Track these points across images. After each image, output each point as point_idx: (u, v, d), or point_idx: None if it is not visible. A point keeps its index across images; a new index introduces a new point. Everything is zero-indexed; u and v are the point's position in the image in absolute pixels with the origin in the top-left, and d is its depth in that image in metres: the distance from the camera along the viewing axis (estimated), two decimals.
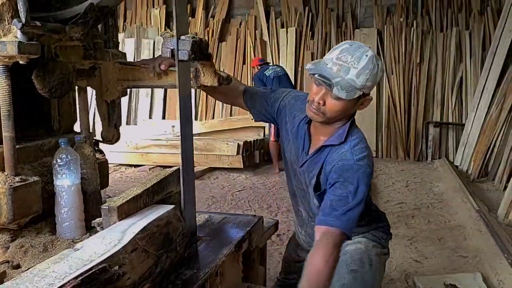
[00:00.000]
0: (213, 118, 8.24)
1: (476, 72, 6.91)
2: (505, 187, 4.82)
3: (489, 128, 5.84)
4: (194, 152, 6.64)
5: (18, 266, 1.50)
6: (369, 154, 1.70)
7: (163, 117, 8.46)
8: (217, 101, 8.12)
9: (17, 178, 1.54)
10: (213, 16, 8.52)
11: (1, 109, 1.52)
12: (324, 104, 1.63)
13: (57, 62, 1.69)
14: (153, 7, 8.73)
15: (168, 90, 8.41)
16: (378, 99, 7.42)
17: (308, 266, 1.56)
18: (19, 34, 1.46)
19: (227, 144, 6.24)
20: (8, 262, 1.51)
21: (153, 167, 6.57)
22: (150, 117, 8.43)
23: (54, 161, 1.66)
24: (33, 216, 1.62)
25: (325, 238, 1.57)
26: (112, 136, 2.10)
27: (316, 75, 1.61)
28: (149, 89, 8.31)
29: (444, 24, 7.37)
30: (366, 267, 1.79)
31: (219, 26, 8.37)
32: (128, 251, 1.18)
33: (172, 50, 1.55)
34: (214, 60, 1.66)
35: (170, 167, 6.06)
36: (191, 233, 1.63)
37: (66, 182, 1.66)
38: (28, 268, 1.42)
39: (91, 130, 2.01)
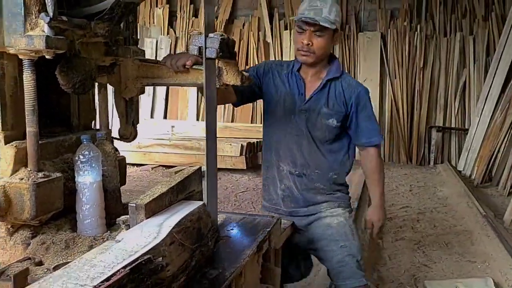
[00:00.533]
0: None
1: (479, 77, 6.92)
2: (510, 193, 4.84)
3: (493, 133, 5.86)
4: (197, 153, 6.66)
5: (40, 263, 1.48)
6: None
7: (165, 117, 8.44)
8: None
9: (40, 174, 1.52)
10: (216, 17, 8.50)
11: (25, 104, 1.50)
12: (312, 44, 2.08)
13: (80, 58, 1.67)
14: (157, 6, 8.72)
15: (170, 89, 8.40)
16: (381, 103, 7.43)
17: (369, 177, 2.29)
18: (46, 28, 1.44)
19: (230, 145, 6.23)
20: (30, 258, 1.49)
21: (155, 167, 6.56)
22: (151, 117, 8.41)
23: (76, 158, 1.64)
24: (54, 212, 1.60)
25: (372, 152, 2.25)
26: (129, 134, 2.08)
27: (303, 18, 2.06)
28: (151, 88, 8.29)
29: (448, 29, 7.39)
30: (350, 238, 2.19)
31: (222, 27, 8.35)
32: (167, 244, 1.19)
33: (200, 48, 1.54)
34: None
35: (173, 167, 6.06)
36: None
37: (88, 179, 1.64)
38: (56, 265, 1.41)
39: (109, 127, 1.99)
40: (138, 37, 2.09)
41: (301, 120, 2.21)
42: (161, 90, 8.43)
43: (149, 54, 8.33)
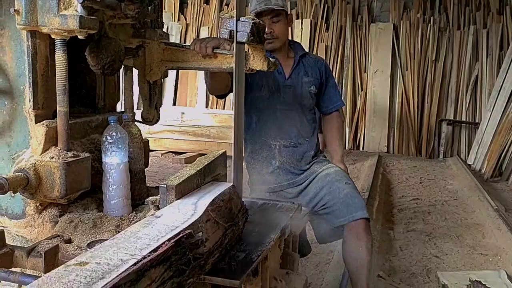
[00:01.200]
0: (223, 107, 8.20)
1: (492, 71, 6.88)
2: None
3: (505, 128, 5.83)
4: (207, 140, 6.68)
5: (69, 241, 1.50)
6: None
7: (174, 103, 8.44)
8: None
9: (70, 153, 1.53)
10: (227, 4, 8.47)
11: (57, 83, 1.51)
12: (274, 31, 2.32)
13: (109, 39, 1.68)
14: None
15: (180, 76, 8.40)
16: (391, 95, 7.41)
17: (333, 140, 2.58)
18: (79, 8, 1.44)
19: None
20: (59, 236, 1.51)
21: (165, 153, 6.58)
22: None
23: (104, 138, 1.65)
24: (81, 192, 1.62)
25: (336, 115, 2.58)
26: (152, 117, 2.10)
27: (258, 10, 2.27)
28: None
29: (462, 22, 7.34)
30: (351, 179, 2.41)
31: None
32: (204, 221, 1.24)
33: (231, 32, 1.54)
34: None
35: (182, 153, 6.07)
36: None
37: (115, 160, 1.65)
38: (90, 242, 1.43)
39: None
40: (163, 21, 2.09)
41: (287, 94, 2.42)
42: (170, 77, 8.42)
43: None
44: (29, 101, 1.53)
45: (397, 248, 3.48)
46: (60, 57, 1.49)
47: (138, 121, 2.05)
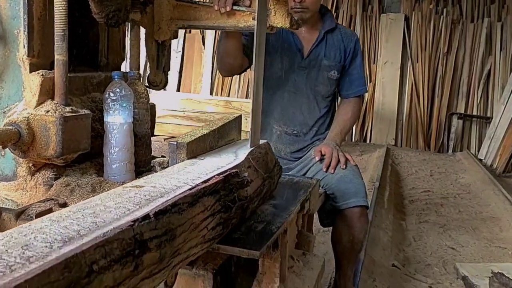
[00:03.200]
0: (228, 95, 8.02)
1: (505, 65, 6.70)
2: None
3: None
4: None
5: (65, 205, 1.33)
6: None
7: (178, 90, 8.27)
8: (233, 79, 7.87)
9: (67, 108, 1.37)
10: None
11: (55, 28, 1.33)
12: (305, 1, 2.08)
13: None
14: None
15: (185, 62, 8.22)
16: (400, 87, 7.22)
17: (339, 116, 2.28)
18: None
19: (246, 119, 6.06)
20: (53, 199, 1.34)
21: (167, 138, 6.40)
22: (164, 89, 8.22)
23: (106, 95, 1.48)
24: (80, 153, 1.45)
25: (355, 100, 2.32)
26: (160, 80, 1.93)
27: None
28: None
29: (475, 14, 7.15)
30: (348, 163, 2.14)
31: None
32: (246, 166, 1.22)
33: None
34: None
35: None
36: None
37: (118, 119, 1.48)
38: None
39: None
40: None
41: (300, 77, 2.21)
42: (175, 63, 8.25)
43: None
44: (24, 47, 1.36)
45: (410, 238, 3.31)
46: None
47: (145, 86, 1.89)
